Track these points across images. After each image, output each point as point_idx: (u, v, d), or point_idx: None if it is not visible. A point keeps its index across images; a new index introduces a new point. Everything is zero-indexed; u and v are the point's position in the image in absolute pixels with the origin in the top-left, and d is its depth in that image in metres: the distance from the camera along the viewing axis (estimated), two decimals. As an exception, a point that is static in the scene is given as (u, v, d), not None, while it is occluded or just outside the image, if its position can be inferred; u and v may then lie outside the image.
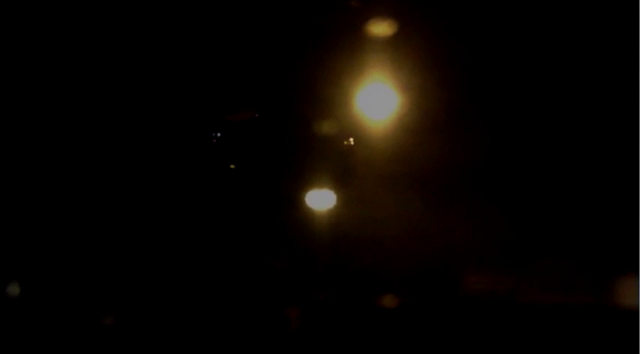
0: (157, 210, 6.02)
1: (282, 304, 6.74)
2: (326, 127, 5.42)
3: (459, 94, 5.36)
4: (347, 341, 6.75)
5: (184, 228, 6.32)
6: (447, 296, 7.09)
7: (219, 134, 5.77)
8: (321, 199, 6.52)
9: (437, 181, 5.98)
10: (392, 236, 6.71)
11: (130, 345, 6.13)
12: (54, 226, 6.01)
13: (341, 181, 6.37)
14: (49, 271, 6.07)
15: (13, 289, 5.83)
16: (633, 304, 6.52)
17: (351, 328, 6.88)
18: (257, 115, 5.52)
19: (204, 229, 6.40)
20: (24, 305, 5.97)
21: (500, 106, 5.56)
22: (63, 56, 5.32)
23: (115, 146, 5.64)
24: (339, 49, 5.06)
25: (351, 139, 5.68)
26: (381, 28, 5.07)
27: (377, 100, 5.30)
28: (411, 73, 5.15)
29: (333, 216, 6.56)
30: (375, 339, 6.88)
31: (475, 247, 6.93)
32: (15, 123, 5.56)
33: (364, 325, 6.92)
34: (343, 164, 6.15)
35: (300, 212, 6.51)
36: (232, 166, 5.77)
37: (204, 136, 5.91)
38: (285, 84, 5.24)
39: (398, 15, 5.07)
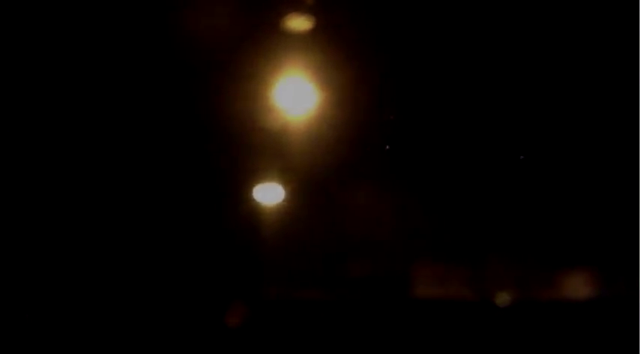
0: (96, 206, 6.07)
1: (228, 301, 6.75)
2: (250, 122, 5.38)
3: (381, 89, 5.26)
4: (295, 338, 6.73)
5: (128, 225, 6.36)
6: (397, 293, 7.04)
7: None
8: (268, 193, 6.48)
9: (366, 176, 5.92)
10: (339, 232, 6.66)
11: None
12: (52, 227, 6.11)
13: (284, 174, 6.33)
14: (47, 271, 6.19)
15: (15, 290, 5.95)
16: (584, 297, 6.52)
17: (300, 325, 6.85)
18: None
19: (148, 227, 6.42)
20: (23, 305, 6.11)
21: (426, 101, 5.46)
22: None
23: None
24: (258, 44, 5.00)
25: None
26: (300, 23, 4.99)
27: (296, 96, 5.23)
28: (333, 68, 5.07)
29: (281, 210, 6.52)
30: (323, 336, 6.83)
31: (423, 243, 6.87)
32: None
33: (313, 323, 6.88)
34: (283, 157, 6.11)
35: (247, 206, 6.49)
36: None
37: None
38: (204, 79, 5.21)
39: (318, 9, 4.98)
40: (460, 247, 6.66)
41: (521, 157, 5.74)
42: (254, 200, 6.31)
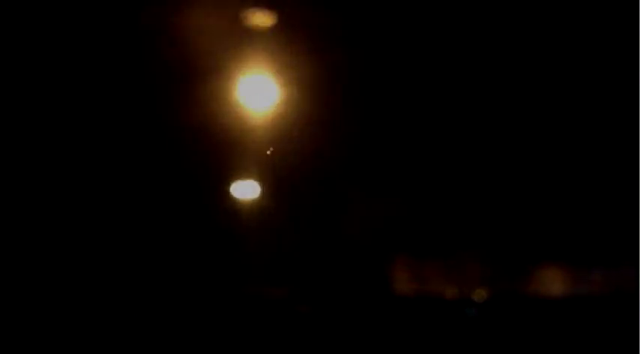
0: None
1: (207, 297, 6.79)
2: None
3: (343, 87, 5.26)
4: (271, 335, 6.75)
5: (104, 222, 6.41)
6: (374, 291, 7.04)
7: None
8: (245, 190, 6.51)
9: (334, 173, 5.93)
10: (312, 229, 6.67)
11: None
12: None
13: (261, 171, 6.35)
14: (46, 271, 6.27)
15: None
16: (552, 293, 6.63)
17: (277, 322, 6.87)
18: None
19: (126, 224, 6.47)
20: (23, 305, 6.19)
21: (388, 97, 5.46)
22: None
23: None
24: (219, 40, 5.02)
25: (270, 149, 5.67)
26: (262, 19, 5.00)
27: (259, 92, 5.24)
28: (295, 65, 5.08)
29: (258, 206, 6.54)
30: (299, 334, 6.86)
31: (398, 241, 6.87)
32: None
33: (289, 320, 6.90)
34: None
35: (225, 203, 6.53)
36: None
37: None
38: (172, 79, 5.24)
39: (280, 5, 4.99)
40: (438, 244, 6.64)
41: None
42: (232, 196, 6.35)
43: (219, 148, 5.46)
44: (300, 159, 5.63)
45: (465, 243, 6.63)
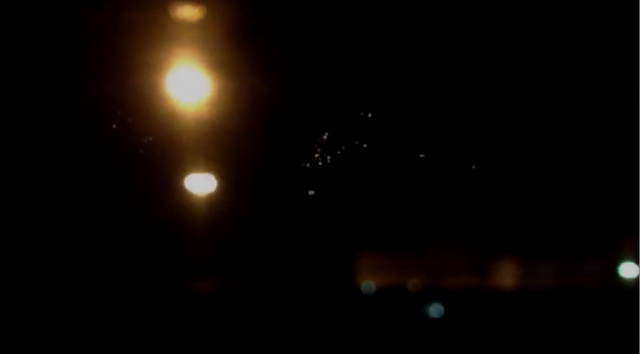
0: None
1: (160, 292, 6.77)
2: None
3: (276, 79, 5.19)
4: (226, 330, 6.71)
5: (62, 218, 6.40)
6: (334, 285, 7.02)
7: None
8: (201, 183, 6.46)
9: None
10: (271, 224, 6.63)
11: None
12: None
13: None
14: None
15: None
16: (517, 286, 6.64)
17: (233, 318, 6.83)
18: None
19: (82, 219, 6.47)
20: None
21: (325, 89, 5.38)
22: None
23: None
24: (147, 32, 4.95)
25: None
26: (192, 10, 4.93)
27: (189, 84, 5.17)
28: (225, 55, 5.01)
29: (214, 200, 6.49)
30: (258, 330, 6.80)
31: (362, 234, 6.84)
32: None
33: (246, 316, 6.86)
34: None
35: (179, 197, 6.49)
36: None
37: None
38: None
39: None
40: (402, 237, 6.58)
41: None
42: (186, 190, 6.30)
43: (153, 142, 5.41)
44: (244, 152, 5.58)
45: (428, 236, 6.58)
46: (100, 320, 6.46)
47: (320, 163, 6.24)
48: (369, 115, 5.70)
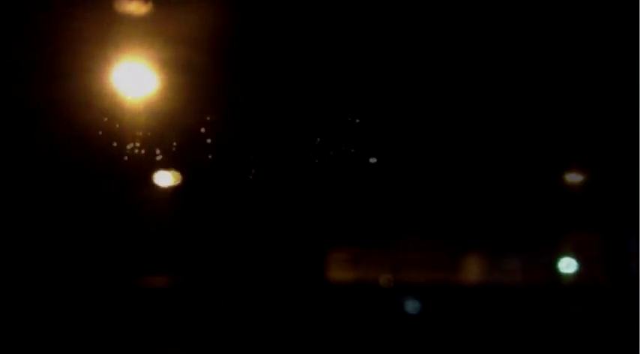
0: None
1: (128, 286, 6.77)
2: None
3: (222, 73, 5.17)
4: (193, 325, 6.70)
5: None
6: (310, 280, 7.01)
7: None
8: (167, 178, 6.45)
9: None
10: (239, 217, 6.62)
11: None
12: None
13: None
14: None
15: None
16: (486, 281, 6.79)
17: (200, 312, 6.82)
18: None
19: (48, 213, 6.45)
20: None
21: (271, 85, 5.36)
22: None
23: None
24: (92, 25, 4.92)
25: None
26: (137, 6, 4.90)
27: (134, 78, 5.14)
28: (171, 50, 4.98)
29: (181, 194, 6.48)
30: (227, 325, 6.80)
31: (339, 229, 6.83)
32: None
33: (214, 310, 6.84)
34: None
35: (146, 191, 6.48)
36: None
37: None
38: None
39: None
40: (374, 232, 6.59)
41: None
42: (154, 185, 6.29)
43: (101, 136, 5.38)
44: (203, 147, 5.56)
45: (401, 232, 6.59)
46: (66, 315, 6.46)
47: (290, 158, 6.22)
48: (338, 110, 5.69)
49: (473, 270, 6.94)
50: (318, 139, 6.02)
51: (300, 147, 6.10)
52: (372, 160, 6.02)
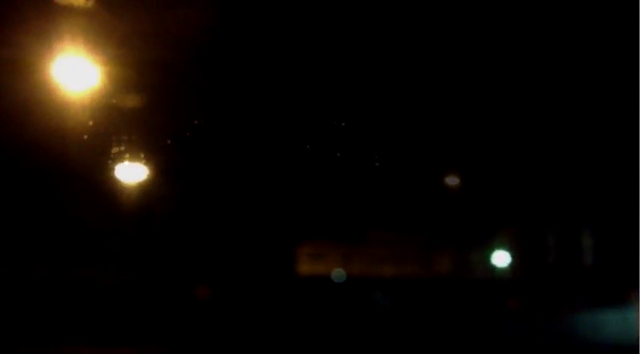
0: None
1: (90, 280, 6.66)
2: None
3: (163, 69, 5.08)
4: (153, 320, 6.59)
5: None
6: (275, 274, 7.03)
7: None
8: (131, 172, 6.30)
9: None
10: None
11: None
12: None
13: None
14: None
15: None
16: (452, 275, 7.00)
17: (162, 307, 6.74)
18: None
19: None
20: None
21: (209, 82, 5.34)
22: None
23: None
24: (33, 19, 4.76)
25: None
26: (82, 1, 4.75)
27: (76, 72, 5.00)
28: (112, 45, 4.86)
29: (144, 189, 6.35)
30: (193, 319, 6.71)
31: (305, 224, 6.91)
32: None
33: (175, 305, 6.77)
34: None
35: (108, 185, 6.32)
36: None
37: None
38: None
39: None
40: (340, 226, 6.67)
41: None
42: (115, 179, 6.13)
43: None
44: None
45: (371, 226, 6.69)
46: (27, 310, 6.37)
47: (257, 152, 6.18)
48: (307, 107, 5.69)
49: (440, 264, 7.15)
50: (288, 135, 6.00)
51: (267, 141, 6.05)
52: (339, 155, 6.02)
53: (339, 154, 5.91)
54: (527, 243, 7.38)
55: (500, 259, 7.08)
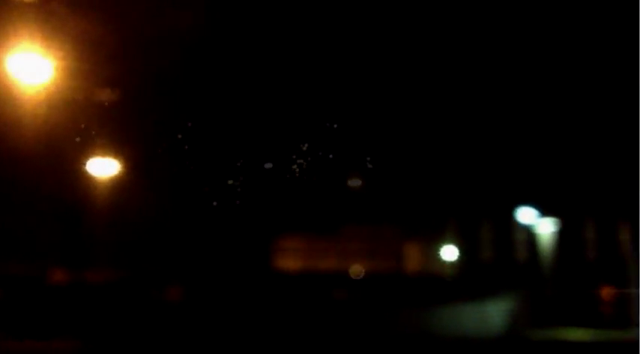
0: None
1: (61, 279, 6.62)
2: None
3: (118, 65, 5.02)
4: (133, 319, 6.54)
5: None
6: (251, 268, 6.99)
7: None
8: (102, 167, 6.27)
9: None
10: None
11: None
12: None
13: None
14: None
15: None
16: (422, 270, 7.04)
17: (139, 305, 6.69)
18: None
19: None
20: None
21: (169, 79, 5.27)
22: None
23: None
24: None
25: None
26: None
27: (30, 67, 4.91)
28: (67, 41, 4.80)
29: (115, 183, 6.31)
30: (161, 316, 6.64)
31: (280, 218, 6.87)
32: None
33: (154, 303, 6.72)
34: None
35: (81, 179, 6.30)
36: None
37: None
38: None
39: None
40: (320, 222, 6.63)
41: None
42: (88, 173, 6.08)
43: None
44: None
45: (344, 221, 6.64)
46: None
47: (232, 146, 6.10)
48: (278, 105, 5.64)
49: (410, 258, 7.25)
50: (262, 131, 5.96)
51: (240, 137, 6.00)
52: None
53: (320, 153, 5.88)
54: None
55: (449, 253, 7.10)
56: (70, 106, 5.30)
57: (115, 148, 5.97)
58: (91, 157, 6.03)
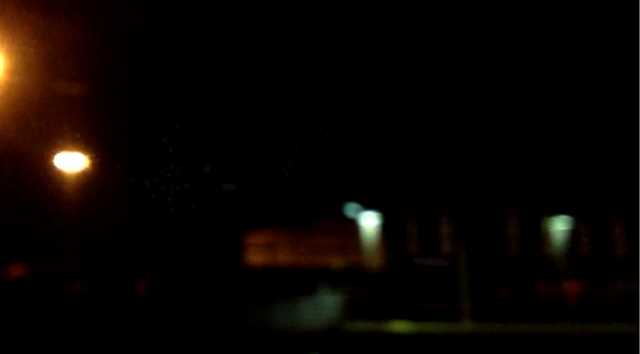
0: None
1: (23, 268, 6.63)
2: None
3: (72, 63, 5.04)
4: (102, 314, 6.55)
5: None
6: (221, 263, 7.10)
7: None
8: (70, 161, 6.27)
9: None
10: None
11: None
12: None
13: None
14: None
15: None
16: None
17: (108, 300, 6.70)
18: None
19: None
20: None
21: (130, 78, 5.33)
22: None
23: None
24: None
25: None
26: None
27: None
28: (19, 40, 4.80)
29: (83, 178, 6.32)
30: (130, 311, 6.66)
31: (251, 212, 7.02)
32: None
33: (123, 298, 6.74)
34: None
35: (49, 174, 6.29)
36: None
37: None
38: None
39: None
40: (295, 215, 6.79)
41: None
42: (56, 168, 6.05)
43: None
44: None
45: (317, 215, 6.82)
46: None
47: (208, 139, 6.17)
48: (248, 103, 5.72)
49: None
50: (233, 129, 6.07)
51: (210, 134, 6.08)
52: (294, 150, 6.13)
53: (295, 151, 6.03)
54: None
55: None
56: (33, 101, 5.30)
57: (82, 143, 5.96)
58: (57, 151, 6.02)
